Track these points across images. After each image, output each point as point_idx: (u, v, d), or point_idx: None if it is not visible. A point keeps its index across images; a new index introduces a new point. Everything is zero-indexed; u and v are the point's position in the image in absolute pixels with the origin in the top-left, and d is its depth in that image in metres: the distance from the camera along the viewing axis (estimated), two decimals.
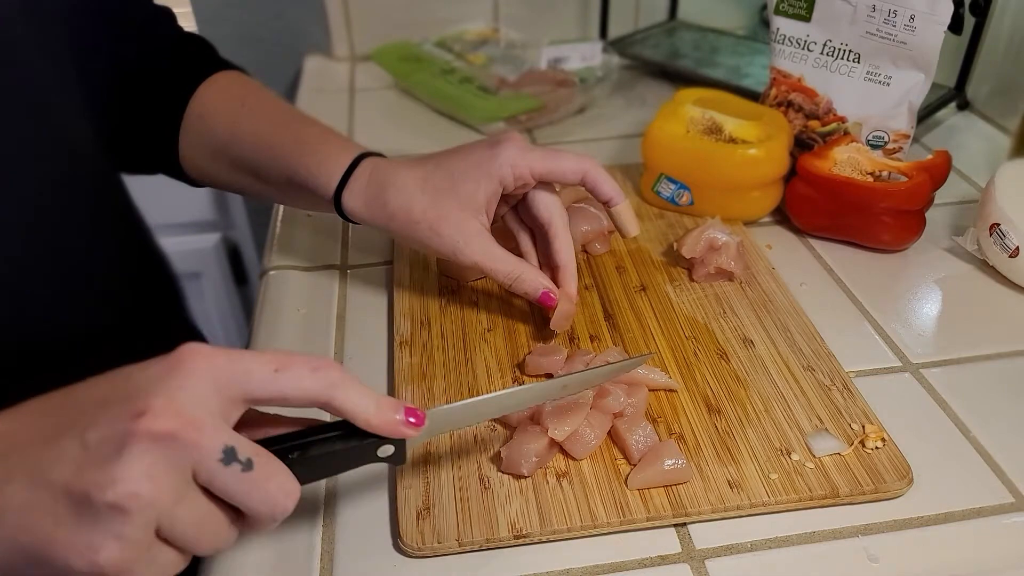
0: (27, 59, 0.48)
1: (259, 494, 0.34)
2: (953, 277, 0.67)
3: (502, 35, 1.07)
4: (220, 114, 0.63)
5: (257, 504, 0.34)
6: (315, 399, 0.36)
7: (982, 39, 0.87)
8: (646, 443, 0.49)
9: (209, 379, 0.33)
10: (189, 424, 0.32)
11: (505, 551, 0.46)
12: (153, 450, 0.31)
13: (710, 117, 0.72)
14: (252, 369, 0.34)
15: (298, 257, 0.71)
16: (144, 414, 0.31)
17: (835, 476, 0.48)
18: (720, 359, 0.57)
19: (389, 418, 0.37)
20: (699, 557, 0.45)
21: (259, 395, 0.35)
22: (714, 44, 1.08)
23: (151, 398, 0.32)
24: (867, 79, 0.71)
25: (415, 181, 0.56)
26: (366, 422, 0.37)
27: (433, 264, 0.67)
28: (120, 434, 0.31)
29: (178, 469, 0.32)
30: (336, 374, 0.36)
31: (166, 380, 0.33)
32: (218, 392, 0.34)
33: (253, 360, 0.35)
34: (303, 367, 0.35)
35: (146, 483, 0.31)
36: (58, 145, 0.51)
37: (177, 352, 0.34)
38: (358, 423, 0.37)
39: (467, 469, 0.49)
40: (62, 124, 0.51)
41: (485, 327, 0.60)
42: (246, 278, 1.44)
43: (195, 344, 0.34)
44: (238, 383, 0.34)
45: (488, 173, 0.55)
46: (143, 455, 0.31)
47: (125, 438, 0.31)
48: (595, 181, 0.57)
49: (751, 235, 0.71)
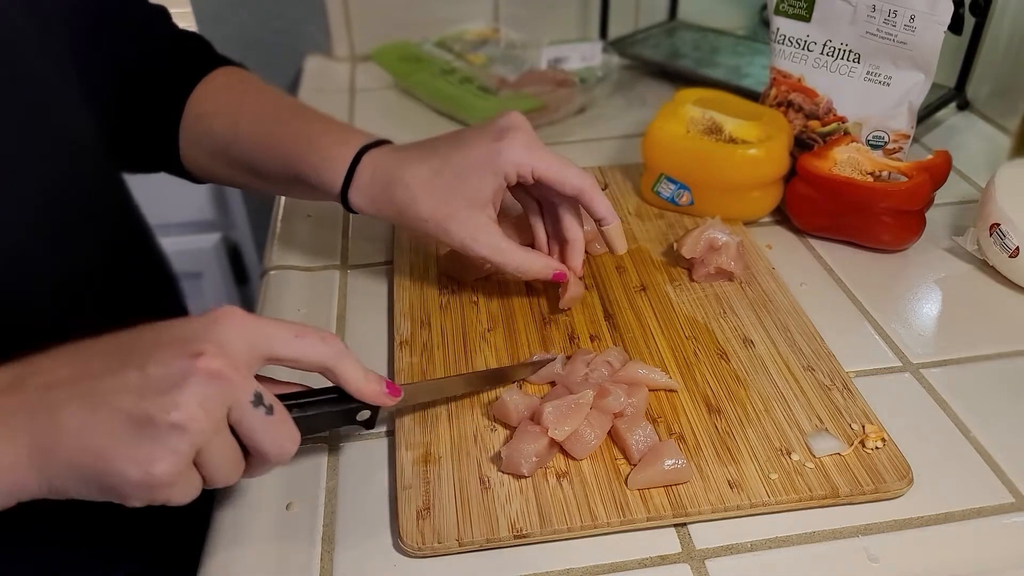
0: (27, 58, 0.49)
1: (273, 437, 0.39)
2: (953, 277, 0.67)
3: (502, 35, 1.07)
4: (219, 113, 0.63)
5: (269, 446, 0.39)
6: (322, 364, 0.42)
7: (982, 39, 0.87)
8: (646, 443, 0.49)
9: (244, 335, 0.39)
10: (234, 367, 0.37)
11: (505, 551, 0.46)
12: (208, 384, 0.36)
13: (710, 117, 0.72)
14: (276, 333, 0.40)
15: (298, 257, 0.71)
16: (201, 354, 0.36)
17: (835, 476, 0.48)
18: (720, 359, 0.57)
19: (374, 388, 0.45)
20: (699, 557, 0.45)
21: (280, 355, 0.40)
22: (714, 44, 1.08)
23: (205, 342, 0.37)
24: (867, 79, 0.71)
25: (421, 179, 0.56)
26: (357, 390, 0.44)
27: (433, 264, 0.67)
28: (181, 369, 0.36)
29: (223, 403, 0.37)
30: (340, 347, 0.43)
31: (213, 329, 0.38)
32: (250, 347, 0.39)
33: (277, 326, 0.41)
34: (316, 336, 0.42)
35: (201, 410, 0.36)
36: (58, 144, 0.51)
37: (218, 311, 0.39)
38: (350, 390, 0.44)
39: (467, 469, 0.49)
40: (62, 123, 0.51)
41: (485, 327, 0.61)
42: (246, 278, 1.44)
43: (231, 307, 0.39)
44: (265, 342, 0.40)
45: (494, 171, 0.56)
46: (200, 387, 0.36)
47: (186, 372, 0.36)
48: (591, 200, 0.57)
49: (751, 235, 0.71)
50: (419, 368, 0.57)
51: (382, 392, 0.45)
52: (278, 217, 0.77)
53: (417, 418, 0.53)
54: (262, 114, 0.63)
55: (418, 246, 0.70)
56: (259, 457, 0.40)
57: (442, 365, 0.57)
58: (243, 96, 0.64)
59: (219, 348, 0.37)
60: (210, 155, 0.64)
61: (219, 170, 0.65)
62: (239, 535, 0.47)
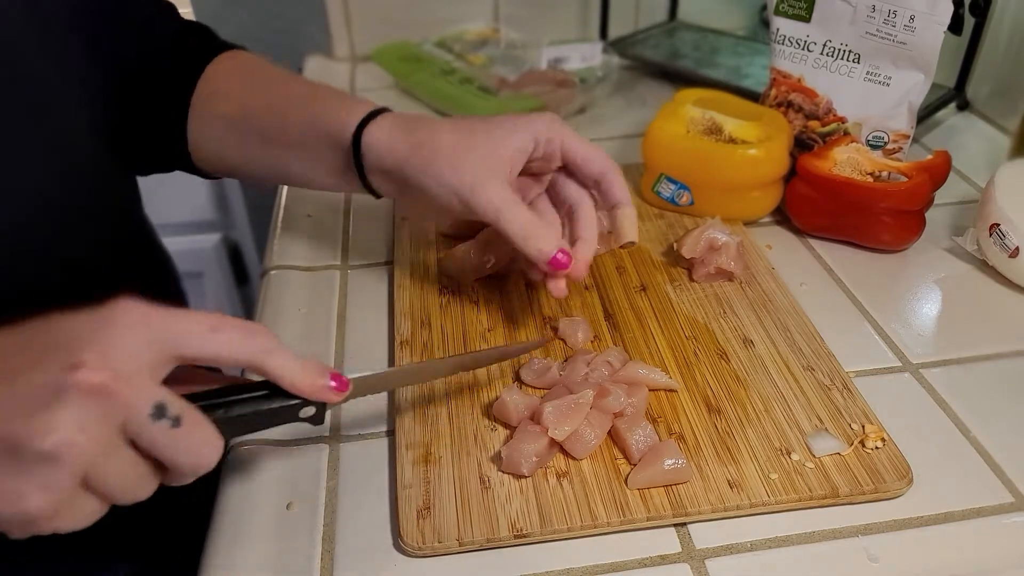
0: (27, 58, 0.49)
1: (184, 450, 0.35)
2: (953, 277, 0.67)
3: (502, 35, 1.07)
4: (228, 93, 0.62)
5: (182, 459, 0.35)
6: (246, 362, 0.37)
7: (982, 39, 0.87)
8: (646, 443, 0.49)
9: (143, 334, 0.34)
10: (122, 379, 0.32)
11: (505, 551, 0.46)
12: (88, 402, 0.31)
13: (710, 117, 0.72)
14: (188, 328, 0.35)
15: (299, 257, 0.71)
16: (79, 367, 0.31)
17: (835, 476, 0.48)
18: (720, 359, 0.57)
19: (314, 382, 0.39)
20: (699, 557, 0.45)
21: (192, 354, 0.35)
22: (714, 44, 1.08)
23: (85, 351, 0.32)
24: (867, 79, 0.71)
25: (448, 121, 0.55)
26: (292, 385, 0.39)
27: (434, 264, 0.67)
28: (54, 385, 0.31)
29: (109, 422, 0.32)
30: (268, 340, 0.38)
31: (101, 333, 0.33)
32: (151, 347, 0.34)
33: (189, 319, 0.35)
34: (237, 329, 0.37)
35: (79, 434, 0.31)
36: (58, 144, 0.51)
37: (112, 305, 0.34)
38: (284, 386, 0.39)
39: (467, 469, 0.49)
40: (62, 123, 0.51)
41: (486, 327, 0.61)
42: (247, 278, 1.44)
43: (130, 300, 0.34)
44: (172, 340, 0.35)
45: (525, 127, 0.54)
46: (77, 407, 0.31)
47: (59, 389, 0.31)
48: (612, 183, 0.56)
49: (751, 235, 0.71)
50: None
51: (325, 386, 0.40)
52: (278, 217, 0.77)
53: (417, 418, 0.53)
54: (272, 86, 0.61)
55: (419, 246, 0.70)
56: (172, 470, 0.36)
57: None
58: (252, 75, 0.63)
59: (103, 357, 0.32)
60: (220, 136, 0.62)
61: (230, 150, 0.62)
62: (239, 535, 0.47)
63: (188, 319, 0.36)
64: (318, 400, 0.40)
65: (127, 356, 0.33)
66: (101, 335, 0.33)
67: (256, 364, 0.38)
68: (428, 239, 0.70)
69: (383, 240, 0.72)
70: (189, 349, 0.35)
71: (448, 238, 0.70)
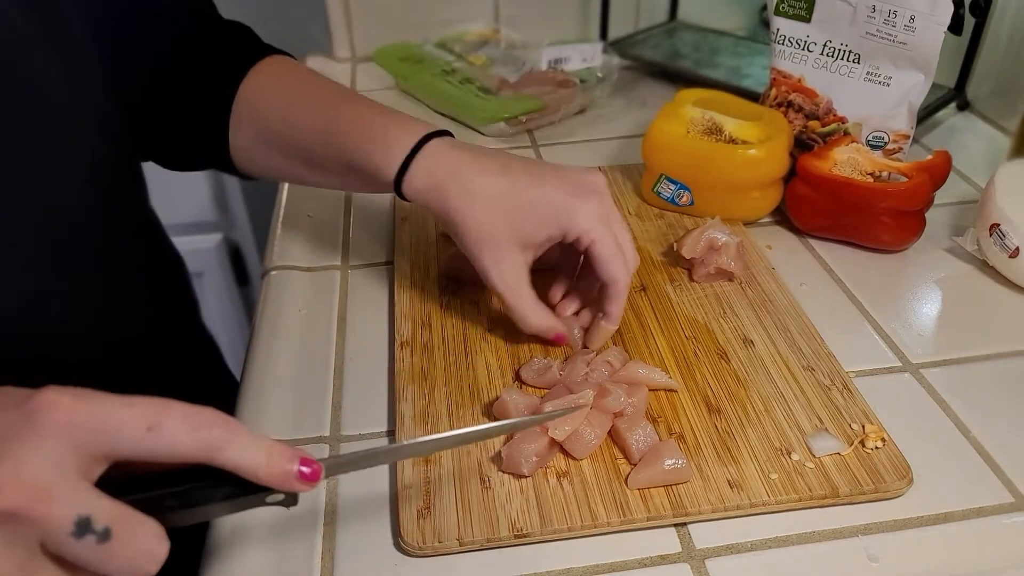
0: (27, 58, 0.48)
1: (116, 563, 0.32)
2: (953, 277, 0.67)
3: (502, 36, 1.07)
4: (272, 104, 0.61)
5: (114, 572, 0.32)
6: (193, 459, 0.33)
7: (982, 39, 0.87)
8: (646, 443, 0.49)
9: (67, 437, 0.31)
10: (36, 497, 0.29)
11: (505, 550, 0.46)
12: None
13: (710, 118, 0.72)
14: (119, 425, 0.31)
15: (299, 257, 0.71)
16: None
17: (835, 476, 0.48)
18: (720, 359, 0.57)
19: (282, 470, 0.35)
20: (699, 557, 0.45)
21: (126, 453, 0.32)
22: (714, 45, 1.08)
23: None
24: (867, 79, 0.71)
25: (485, 198, 0.54)
26: (255, 476, 0.34)
27: (434, 264, 0.67)
28: None
29: (23, 545, 0.30)
30: (218, 433, 0.33)
31: (17, 440, 0.30)
32: (76, 451, 0.31)
33: (122, 414, 0.32)
34: (181, 424, 0.32)
35: None
36: (60, 144, 0.51)
37: (35, 401, 0.31)
38: (247, 477, 0.34)
39: (468, 468, 0.49)
40: (62, 123, 0.51)
41: (486, 327, 0.61)
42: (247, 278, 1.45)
43: (55, 394, 0.31)
44: (101, 441, 0.31)
45: (559, 223, 0.53)
46: None
47: None
48: (612, 297, 0.55)
49: (751, 235, 0.71)
50: (420, 368, 0.57)
51: (291, 474, 0.35)
52: (279, 218, 0.77)
53: (417, 418, 0.53)
54: (317, 101, 0.60)
55: (419, 246, 0.70)
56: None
57: (443, 365, 0.57)
58: (295, 85, 0.62)
59: (13, 472, 0.29)
60: (264, 146, 0.61)
61: (272, 162, 0.62)
62: (239, 535, 0.47)
63: (121, 413, 0.32)
64: (285, 490, 0.36)
65: (46, 464, 0.30)
66: (17, 444, 0.30)
67: (206, 460, 0.33)
68: (428, 239, 0.71)
69: (384, 240, 0.72)
70: (121, 450, 0.32)
71: (449, 238, 0.70)
